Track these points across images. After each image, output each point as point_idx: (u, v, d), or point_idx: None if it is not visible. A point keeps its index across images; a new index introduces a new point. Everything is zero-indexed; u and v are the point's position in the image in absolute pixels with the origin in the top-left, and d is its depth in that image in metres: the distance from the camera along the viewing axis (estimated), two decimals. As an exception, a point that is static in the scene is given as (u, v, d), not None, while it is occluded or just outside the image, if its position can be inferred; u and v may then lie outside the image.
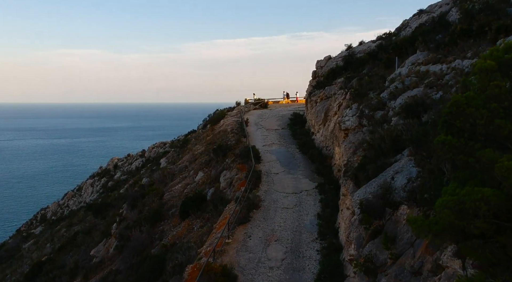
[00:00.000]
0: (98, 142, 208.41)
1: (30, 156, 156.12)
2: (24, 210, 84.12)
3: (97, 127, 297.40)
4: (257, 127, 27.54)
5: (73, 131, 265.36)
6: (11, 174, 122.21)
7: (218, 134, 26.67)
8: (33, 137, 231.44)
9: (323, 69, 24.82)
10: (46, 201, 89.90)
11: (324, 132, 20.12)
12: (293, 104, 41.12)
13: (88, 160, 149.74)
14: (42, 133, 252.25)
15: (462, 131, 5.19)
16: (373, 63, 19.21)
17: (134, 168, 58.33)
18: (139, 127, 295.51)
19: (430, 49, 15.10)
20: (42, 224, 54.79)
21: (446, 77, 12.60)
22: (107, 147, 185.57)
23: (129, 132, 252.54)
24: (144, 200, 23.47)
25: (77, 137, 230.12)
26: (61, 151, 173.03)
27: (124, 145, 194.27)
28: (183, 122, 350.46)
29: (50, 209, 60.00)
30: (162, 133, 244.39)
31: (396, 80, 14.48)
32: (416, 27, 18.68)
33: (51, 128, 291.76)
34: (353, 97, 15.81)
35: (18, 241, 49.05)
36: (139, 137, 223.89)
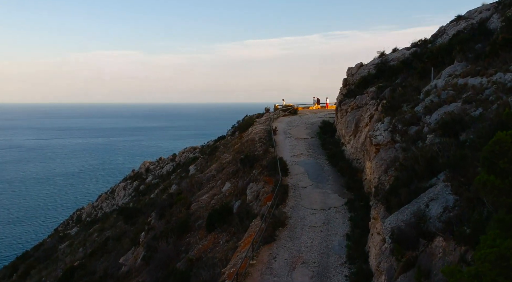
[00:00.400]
0: (134, 141, 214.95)
1: (69, 154, 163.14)
2: (63, 207, 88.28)
3: (132, 127, 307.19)
4: (285, 136, 27.13)
5: (110, 131, 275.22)
6: (52, 171, 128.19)
7: (246, 143, 26.48)
8: (72, 136, 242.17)
9: (354, 77, 24.14)
10: (83, 198, 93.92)
11: (355, 144, 19.49)
12: (323, 111, 40.46)
13: (124, 158, 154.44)
14: (81, 133, 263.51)
15: (506, 173, 4.67)
16: (407, 72, 18.41)
17: (165, 172, 59.44)
18: (172, 127, 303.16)
19: (469, 59, 14.24)
20: (77, 225, 57.00)
21: (486, 92, 11.80)
22: (142, 146, 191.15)
23: (163, 132, 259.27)
24: (172, 210, 23.58)
25: (114, 136, 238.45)
26: (98, 150, 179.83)
27: (159, 144, 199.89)
28: (214, 121, 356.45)
29: (85, 210, 62.29)
30: (194, 133, 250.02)
31: (432, 93, 13.74)
32: (453, 35, 17.75)
33: (88, 128, 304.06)
34: (385, 109, 15.15)
35: (55, 241, 51.26)
36: (173, 137, 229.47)
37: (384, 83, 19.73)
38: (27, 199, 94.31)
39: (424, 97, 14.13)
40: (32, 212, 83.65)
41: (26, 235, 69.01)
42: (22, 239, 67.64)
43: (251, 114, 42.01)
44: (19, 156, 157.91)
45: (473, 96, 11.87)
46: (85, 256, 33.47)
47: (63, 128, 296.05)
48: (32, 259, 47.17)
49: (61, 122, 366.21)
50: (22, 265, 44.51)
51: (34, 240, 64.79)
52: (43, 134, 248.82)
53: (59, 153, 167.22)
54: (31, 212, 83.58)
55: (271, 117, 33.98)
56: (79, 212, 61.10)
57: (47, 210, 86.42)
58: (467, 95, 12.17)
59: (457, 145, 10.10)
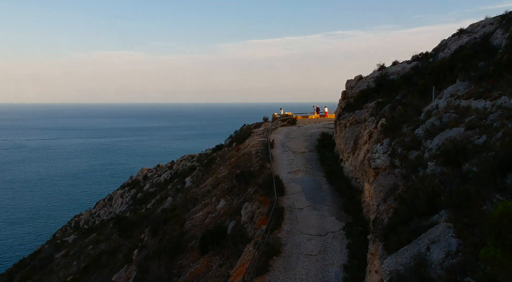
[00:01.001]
0: (136, 141, 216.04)
1: (72, 155, 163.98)
2: (65, 207, 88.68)
3: (135, 127, 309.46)
4: (283, 149, 26.59)
5: (112, 131, 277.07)
6: (54, 172, 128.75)
7: (242, 157, 25.94)
8: (74, 136, 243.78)
9: (353, 90, 23.63)
10: (85, 199, 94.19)
11: (353, 162, 18.94)
12: (322, 120, 39.94)
13: (126, 159, 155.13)
14: (83, 133, 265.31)
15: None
16: (407, 88, 17.88)
17: (162, 180, 59.10)
18: (175, 127, 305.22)
19: (472, 79, 13.71)
20: (75, 232, 56.61)
21: (490, 117, 11.26)
22: (145, 146, 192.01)
23: (166, 132, 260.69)
24: (166, 227, 23.04)
25: (116, 136, 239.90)
26: (101, 150, 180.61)
27: (161, 144, 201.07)
28: (217, 122, 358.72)
29: (83, 216, 62.00)
30: (197, 133, 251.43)
31: (433, 115, 13.21)
32: (455, 50, 17.23)
33: (90, 128, 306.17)
34: (385, 130, 14.62)
35: (51, 249, 51.08)
36: (175, 137, 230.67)
37: (383, 99, 19.22)
38: (29, 200, 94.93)
39: (425, 119, 13.59)
40: (34, 213, 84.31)
41: (28, 236, 69.41)
42: (24, 240, 67.96)
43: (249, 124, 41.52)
44: (22, 156, 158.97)
45: (477, 122, 11.32)
46: (78, 270, 32.95)
47: (65, 128, 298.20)
48: (28, 268, 46.91)
49: (63, 122, 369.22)
50: (18, 274, 44.29)
51: (35, 241, 65.43)
52: (45, 135, 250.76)
53: (61, 153, 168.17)
54: (33, 213, 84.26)
55: (269, 128, 33.46)
56: (77, 218, 59.91)
57: (49, 210, 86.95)
58: (470, 120, 11.63)
59: (460, 177, 9.55)
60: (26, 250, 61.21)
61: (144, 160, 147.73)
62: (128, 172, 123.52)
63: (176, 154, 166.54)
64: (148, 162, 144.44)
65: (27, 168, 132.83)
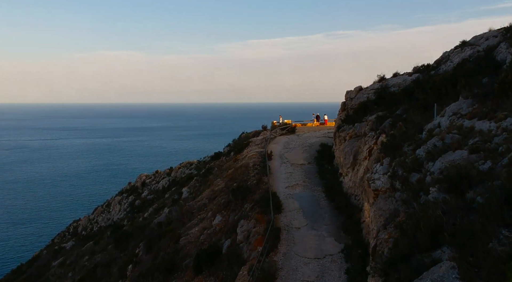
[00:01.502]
0: (138, 141, 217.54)
1: (73, 155, 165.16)
2: (67, 208, 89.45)
3: (136, 127, 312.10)
4: (281, 161, 26.11)
5: (114, 131, 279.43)
6: (56, 172, 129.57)
7: (240, 169, 25.46)
8: (76, 136, 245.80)
9: (353, 101, 23.18)
10: (88, 200, 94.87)
11: (353, 178, 18.47)
12: (322, 128, 39.49)
13: (128, 159, 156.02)
14: (85, 133, 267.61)
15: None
16: (408, 103, 17.43)
17: (160, 187, 58.92)
18: (176, 127, 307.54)
19: (475, 97, 13.25)
20: (73, 238, 56.59)
21: (495, 140, 10.79)
22: (147, 146, 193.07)
23: (167, 132, 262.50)
24: (160, 243, 22.59)
25: (118, 137, 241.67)
26: (102, 150, 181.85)
27: (162, 144, 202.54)
28: (218, 122, 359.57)
29: (81, 222, 62.07)
30: (198, 133, 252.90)
31: (435, 135, 12.75)
32: (458, 63, 16.78)
33: (93, 128, 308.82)
34: (385, 149, 14.15)
35: (49, 257, 51.21)
36: (176, 137, 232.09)
37: (383, 113, 18.77)
38: (31, 200, 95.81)
39: (427, 138, 13.13)
40: (36, 214, 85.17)
41: (29, 237, 70.46)
42: (26, 241, 69.08)
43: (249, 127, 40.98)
44: (24, 156, 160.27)
45: (481, 145, 10.85)
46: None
47: (67, 128, 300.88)
48: (24, 276, 46.83)
49: (65, 122, 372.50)
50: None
51: (37, 242, 66.77)
52: (47, 135, 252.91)
53: (63, 154, 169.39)
54: (34, 214, 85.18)
55: (268, 137, 33.00)
56: (76, 223, 59.52)
57: (50, 211, 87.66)
58: (474, 142, 11.16)
59: (464, 208, 9.09)
60: (27, 250, 62.59)
61: (145, 160, 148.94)
62: (130, 173, 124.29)
63: (178, 154, 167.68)
64: (150, 162, 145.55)
65: (29, 168, 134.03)
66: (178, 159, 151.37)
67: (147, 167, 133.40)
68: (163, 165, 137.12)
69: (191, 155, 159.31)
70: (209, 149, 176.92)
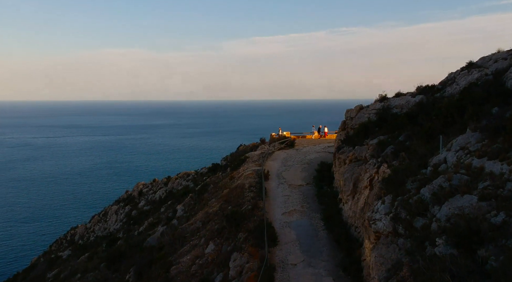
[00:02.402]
0: (141, 139, 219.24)
1: (77, 153, 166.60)
2: (70, 206, 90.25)
3: (139, 125, 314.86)
4: (278, 181, 25.21)
5: (117, 129, 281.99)
6: (59, 170, 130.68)
7: (235, 191, 24.56)
8: (80, 134, 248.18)
9: (353, 121, 22.29)
10: (91, 198, 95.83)
11: (353, 207, 17.57)
12: (322, 141, 38.62)
13: (131, 157, 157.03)
14: (88, 131, 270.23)
15: None
16: (412, 128, 16.54)
17: (157, 198, 58.66)
18: (179, 125, 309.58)
19: (484, 130, 12.36)
20: (69, 247, 56.77)
21: (508, 186, 9.91)
22: (150, 144, 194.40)
23: (170, 130, 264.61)
24: (151, 271, 21.68)
25: (121, 134, 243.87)
26: (106, 148, 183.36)
27: (165, 142, 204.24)
28: (221, 119, 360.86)
29: (78, 230, 62.28)
30: (201, 131, 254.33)
31: (441, 173, 11.86)
32: (465, 87, 15.89)
33: (96, 126, 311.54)
34: (386, 184, 13.27)
35: (44, 267, 51.37)
36: (180, 135, 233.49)
37: (385, 137, 17.90)
38: (34, 198, 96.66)
39: (432, 176, 12.24)
40: (39, 212, 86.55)
41: (32, 236, 71.56)
42: (29, 240, 70.28)
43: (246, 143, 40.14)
44: (27, 154, 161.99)
45: (492, 191, 9.96)
46: (63, 305, 31.74)
47: (71, 126, 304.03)
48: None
49: (68, 120, 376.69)
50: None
51: (40, 240, 68.32)
52: (50, 132, 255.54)
53: (66, 152, 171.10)
54: (38, 212, 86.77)
55: (266, 153, 32.11)
56: (73, 231, 59.54)
57: (54, 209, 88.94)
58: (484, 187, 10.26)
59: (475, 271, 8.21)
60: (31, 250, 63.75)
61: (149, 158, 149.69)
62: (133, 171, 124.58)
63: (181, 152, 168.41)
64: (153, 160, 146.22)
65: (32, 166, 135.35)
66: (181, 156, 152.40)
67: (150, 164, 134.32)
68: (166, 163, 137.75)
69: (195, 152, 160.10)
70: (212, 147, 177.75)
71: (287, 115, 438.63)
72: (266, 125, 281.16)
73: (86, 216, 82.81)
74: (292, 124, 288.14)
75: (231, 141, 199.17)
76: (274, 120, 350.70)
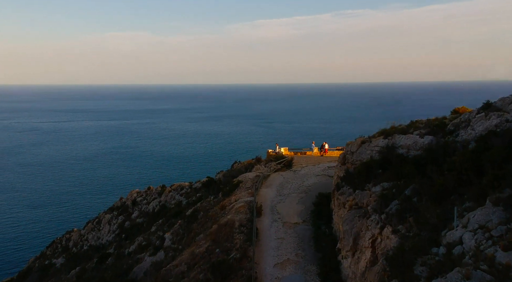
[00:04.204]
0: (147, 124, 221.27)
1: (83, 138, 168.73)
2: (77, 192, 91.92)
3: (145, 109, 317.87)
4: (272, 218, 23.40)
5: (123, 113, 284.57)
6: (66, 155, 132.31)
7: (224, 229, 22.76)
8: (85, 119, 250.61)
9: (354, 156, 20.44)
10: (97, 183, 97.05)
11: (353, 267, 15.78)
12: (321, 160, 36.77)
13: (137, 142, 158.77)
14: (94, 115, 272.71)
15: None
16: (420, 180, 14.68)
17: (150, 210, 58.15)
18: (185, 109, 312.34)
19: (508, 206, 10.52)
20: (63, 254, 55.77)
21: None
22: (156, 128, 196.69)
23: (176, 114, 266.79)
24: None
25: (127, 119, 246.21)
26: (112, 133, 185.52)
27: (171, 127, 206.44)
28: (226, 104, 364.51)
29: (73, 236, 63.11)
30: (208, 116, 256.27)
31: (456, 262, 10.04)
32: (481, 136, 13.99)
33: (101, 110, 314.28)
34: (391, 265, 11.46)
35: (37, 276, 52.43)
36: (185, 120, 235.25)
37: (389, 185, 16.10)
38: (41, 183, 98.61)
39: (446, 261, 10.41)
40: (46, 197, 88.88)
41: (39, 223, 74.17)
42: (36, 226, 72.88)
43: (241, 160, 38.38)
44: (34, 139, 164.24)
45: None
46: None
47: (76, 110, 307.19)
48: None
49: (74, 104, 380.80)
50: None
51: (46, 227, 71.52)
52: (56, 117, 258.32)
53: (72, 136, 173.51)
54: (45, 197, 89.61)
55: (261, 176, 30.26)
56: (68, 235, 59.90)
57: (60, 194, 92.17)
58: (512, 297, 8.43)
59: None
60: (40, 238, 67.30)
61: (154, 143, 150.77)
62: (138, 156, 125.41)
63: (186, 137, 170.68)
64: (159, 144, 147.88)
65: (39, 151, 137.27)
66: (187, 141, 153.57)
67: (155, 150, 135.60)
68: (171, 148, 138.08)
69: (199, 138, 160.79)
70: (217, 132, 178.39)
71: (292, 100, 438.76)
72: (270, 111, 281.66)
73: (92, 202, 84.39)
74: (296, 110, 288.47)
75: (235, 126, 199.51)
76: (279, 105, 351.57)
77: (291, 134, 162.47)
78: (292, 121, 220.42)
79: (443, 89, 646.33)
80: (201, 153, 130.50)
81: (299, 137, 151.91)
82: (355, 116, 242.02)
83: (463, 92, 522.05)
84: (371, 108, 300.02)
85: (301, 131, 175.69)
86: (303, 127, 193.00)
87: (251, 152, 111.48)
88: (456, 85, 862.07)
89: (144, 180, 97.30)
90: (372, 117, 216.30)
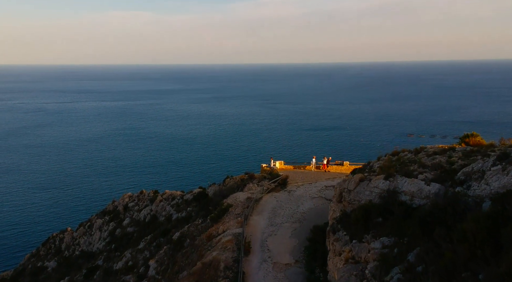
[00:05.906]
0: (151, 105, 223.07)
1: (87, 119, 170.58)
2: (80, 173, 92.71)
3: (149, 90, 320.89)
4: (262, 257, 21.62)
5: (126, 94, 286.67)
6: (70, 136, 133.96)
7: (208, 270, 21.02)
8: (89, 99, 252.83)
9: (351, 195, 18.60)
10: (101, 165, 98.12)
11: None
12: (319, 177, 34.95)
13: (140, 123, 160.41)
14: (97, 96, 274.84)
15: None
16: (426, 243, 12.89)
17: (142, 218, 57.89)
18: (189, 89, 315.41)
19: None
20: (55, 257, 56.14)
21: None
22: (160, 109, 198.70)
23: (180, 95, 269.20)
24: None
25: (130, 100, 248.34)
26: (116, 114, 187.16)
27: (175, 107, 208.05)
28: (230, 84, 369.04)
29: (66, 237, 63.53)
30: (211, 97, 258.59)
31: None
32: (498, 197, 12.12)
33: (105, 91, 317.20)
34: None
35: (29, 280, 53.66)
36: (189, 100, 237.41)
37: (391, 241, 14.34)
38: (45, 165, 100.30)
39: None
40: (51, 179, 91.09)
41: (43, 208, 76.24)
42: (42, 207, 75.47)
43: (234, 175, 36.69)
44: (39, 120, 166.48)
45: None
46: None
47: (80, 91, 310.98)
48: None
49: (78, 85, 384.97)
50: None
51: (52, 208, 73.81)
52: (60, 98, 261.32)
53: (76, 117, 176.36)
54: (50, 179, 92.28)
55: (252, 200, 28.47)
56: (62, 235, 60.41)
57: (65, 176, 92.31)
58: None
59: None
60: (44, 222, 69.62)
61: (158, 124, 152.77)
62: (142, 137, 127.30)
63: (190, 118, 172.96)
64: (162, 126, 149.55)
65: (43, 133, 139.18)
66: (190, 123, 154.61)
67: (159, 131, 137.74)
68: (175, 130, 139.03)
69: (203, 119, 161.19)
70: (221, 113, 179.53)
71: (295, 79, 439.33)
72: (274, 91, 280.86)
73: (96, 184, 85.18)
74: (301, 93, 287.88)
75: (238, 107, 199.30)
76: (281, 84, 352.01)
77: (296, 115, 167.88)
78: (297, 102, 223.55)
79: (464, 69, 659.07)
80: (204, 135, 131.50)
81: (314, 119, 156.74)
82: (371, 97, 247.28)
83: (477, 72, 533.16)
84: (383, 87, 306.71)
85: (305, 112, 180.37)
86: (307, 108, 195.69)
87: (255, 135, 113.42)
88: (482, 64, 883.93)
89: (150, 161, 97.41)
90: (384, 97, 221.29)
